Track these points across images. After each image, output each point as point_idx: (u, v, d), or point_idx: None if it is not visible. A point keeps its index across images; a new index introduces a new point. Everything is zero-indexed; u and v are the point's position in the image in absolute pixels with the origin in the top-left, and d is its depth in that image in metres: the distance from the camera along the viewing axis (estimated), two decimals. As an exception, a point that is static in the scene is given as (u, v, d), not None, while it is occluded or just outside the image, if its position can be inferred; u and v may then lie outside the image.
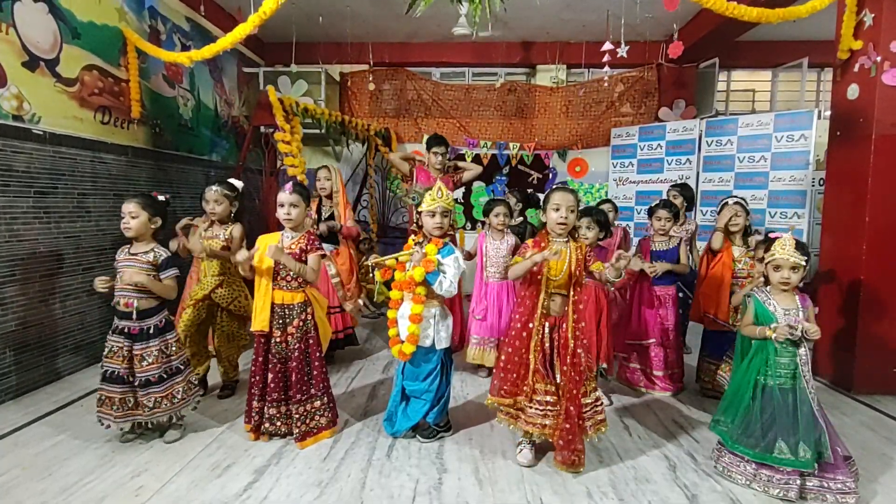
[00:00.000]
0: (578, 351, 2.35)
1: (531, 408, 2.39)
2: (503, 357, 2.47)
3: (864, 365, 3.42)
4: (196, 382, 2.80)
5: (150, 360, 2.54)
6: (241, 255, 2.59)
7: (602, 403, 2.47)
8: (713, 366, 3.28)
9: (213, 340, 3.26)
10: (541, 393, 2.37)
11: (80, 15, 3.64)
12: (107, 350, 2.55)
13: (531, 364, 2.39)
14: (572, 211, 2.39)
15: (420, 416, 2.66)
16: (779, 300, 2.32)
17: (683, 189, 4.12)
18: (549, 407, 2.36)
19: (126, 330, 2.54)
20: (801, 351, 2.25)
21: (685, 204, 4.06)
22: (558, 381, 2.36)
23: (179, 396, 2.62)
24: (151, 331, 2.57)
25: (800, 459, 2.15)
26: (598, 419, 2.41)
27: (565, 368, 2.33)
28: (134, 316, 2.53)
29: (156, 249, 2.61)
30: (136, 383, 2.53)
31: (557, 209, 2.39)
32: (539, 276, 2.39)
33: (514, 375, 2.43)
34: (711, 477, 2.38)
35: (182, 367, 2.67)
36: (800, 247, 2.29)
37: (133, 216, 2.56)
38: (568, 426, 2.29)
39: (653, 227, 3.49)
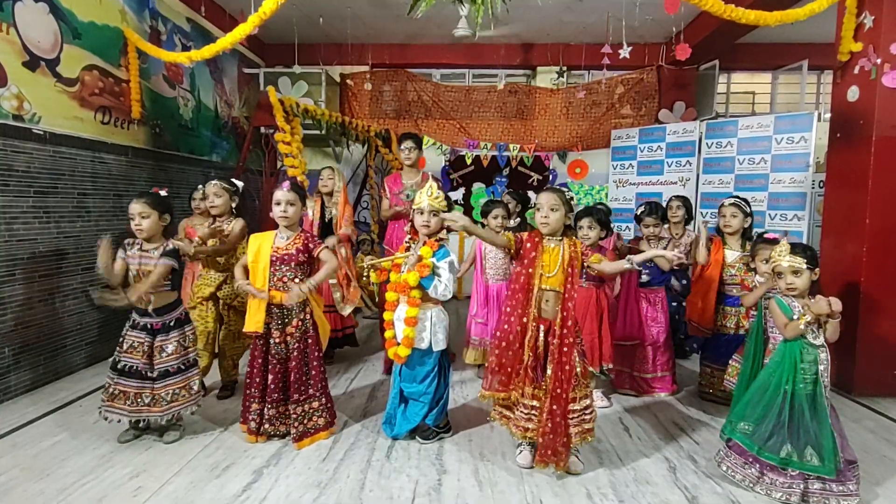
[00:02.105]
0: (565, 349, 2.30)
1: (517, 410, 2.38)
2: (496, 352, 2.41)
3: (865, 367, 3.42)
4: (203, 382, 2.81)
5: (169, 351, 2.57)
6: (240, 280, 2.64)
7: (593, 412, 2.39)
8: (713, 370, 3.22)
9: (219, 338, 3.26)
10: (527, 396, 2.35)
11: (80, 15, 3.64)
12: (126, 345, 2.56)
13: (525, 360, 2.35)
14: (554, 209, 2.35)
15: (419, 418, 2.64)
16: (794, 298, 2.30)
17: (684, 201, 3.94)
18: (533, 411, 2.34)
19: (148, 326, 2.56)
20: (823, 355, 2.24)
21: (686, 216, 3.90)
22: (546, 383, 2.32)
23: (195, 388, 2.65)
24: (173, 323, 2.60)
25: (825, 466, 2.12)
26: (586, 428, 2.34)
27: (554, 367, 2.29)
28: (149, 308, 2.54)
29: (165, 244, 2.60)
30: (155, 375, 2.54)
31: (539, 209, 2.39)
32: (530, 270, 2.35)
33: (509, 369, 2.39)
34: (712, 478, 2.37)
35: (196, 360, 2.70)
36: (799, 248, 2.25)
37: (143, 216, 2.54)
38: (550, 425, 2.25)
39: (642, 233, 3.46)
